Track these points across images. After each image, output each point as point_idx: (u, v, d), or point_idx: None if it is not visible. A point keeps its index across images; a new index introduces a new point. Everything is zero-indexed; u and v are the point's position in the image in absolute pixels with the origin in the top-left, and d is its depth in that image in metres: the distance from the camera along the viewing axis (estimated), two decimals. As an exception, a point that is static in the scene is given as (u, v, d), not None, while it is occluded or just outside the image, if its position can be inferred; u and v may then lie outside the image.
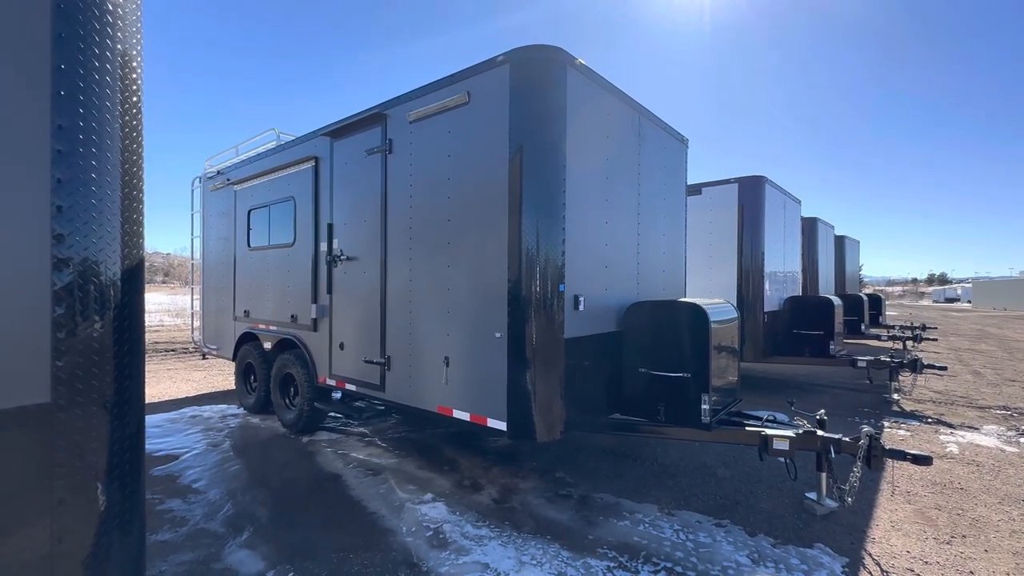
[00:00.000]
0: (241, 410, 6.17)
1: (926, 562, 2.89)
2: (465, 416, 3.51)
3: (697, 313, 3.56)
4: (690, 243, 5.53)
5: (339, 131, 4.62)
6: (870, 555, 2.95)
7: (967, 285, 54.98)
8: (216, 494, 3.74)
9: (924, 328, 11.22)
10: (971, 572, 2.78)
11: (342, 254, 4.61)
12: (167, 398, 6.92)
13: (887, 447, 3.17)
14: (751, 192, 7.08)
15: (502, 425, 3.28)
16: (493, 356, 3.33)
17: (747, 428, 3.52)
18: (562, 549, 2.97)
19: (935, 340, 12.20)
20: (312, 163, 4.96)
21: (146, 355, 11.03)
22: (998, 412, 6.32)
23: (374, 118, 4.25)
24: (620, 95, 3.97)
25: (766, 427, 3.51)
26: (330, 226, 4.74)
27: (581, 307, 3.46)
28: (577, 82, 3.44)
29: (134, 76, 1.69)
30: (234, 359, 6.28)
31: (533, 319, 3.19)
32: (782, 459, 3.56)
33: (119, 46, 1.61)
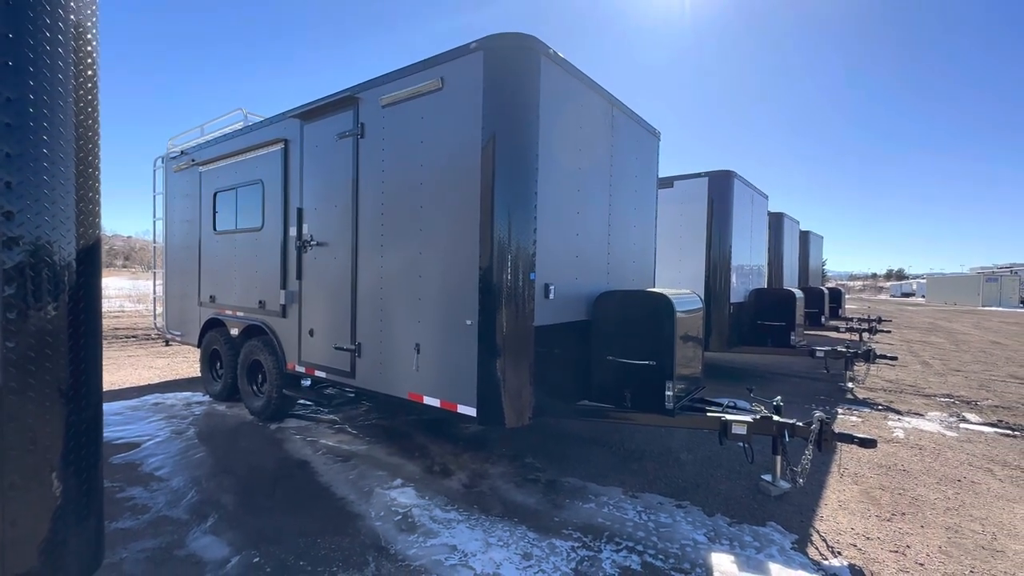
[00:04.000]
0: (207, 397, 6.04)
1: (868, 538, 3.08)
2: (435, 403, 3.54)
3: (663, 303, 3.66)
4: (661, 235, 5.64)
5: (310, 113, 4.52)
6: (818, 532, 3.12)
7: (922, 281, 57.70)
8: (179, 482, 3.67)
9: (879, 321, 11.78)
10: (908, 546, 2.99)
11: (312, 239, 4.53)
12: (128, 385, 6.71)
13: (836, 431, 3.36)
14: (720, 186, 7.25)
15: (472, 411, 3.32)
16: (463, 343, 3.36)
17: (708, 414, 3.66)
18: (528, 531, 3.04)
19: (889, 332, 12.82)
20: (281, 145, 4.84)
21: (106, 341, 10.64)
22: (942, 400, 6.72)
23: (346, 101, 4.17)
24: (594, 86, 4.00)
25: (726, 413, 3.65)
26: (299, 211, 4.65)
27: (551, 296, 3.51)
28: (551, 71, 3.46)
29: (89, 48, 1.63)
30: (199, 346, 6.12)
31: (504, 307, 3.22)
32: (740, 443, 3.72)
33: (72, 16, 1.55)
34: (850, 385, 7.28)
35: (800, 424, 3.43)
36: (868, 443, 3.22)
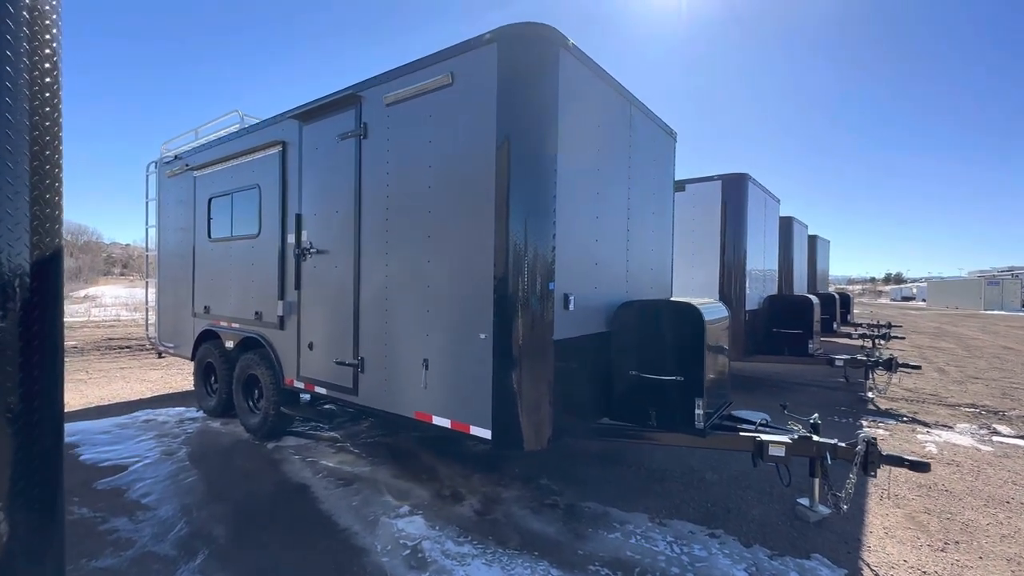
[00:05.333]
0: (200, 413, 5.75)
1: (923, 572, 2.80)
2: (446, 423, 3.26)
3: (691, 313, 3.40)
4: (674, 240, 5.38)
5: (309, 114, 4.27)
6: (868, 565, 2.85)
7: (922, 284, 57.56)
8: (168, 511, 3.38)
9: (891, 326, 11.51)
10: (970, 582, 2.71)
11: (311, 247, 4.27)
12: (119, 400, 6.42)
13: (884, 453, 3.08)
14: (734, 190, 7.02)
15: (486, 433, 3.04)
16: (477, 359, 3.09)
17: (742, 434, 3.39)
18: (551, 567, 2.76)
19: (903, 339, 12.54)
20: (279, 148, 4.59)
21: (99, 352, 10.33)
22: (967, 410, 6.45)
23: (348, 100, 3.92)
24: (613, 83, 3.76)
25: (761, 432, 3.38)
26: (298, 216, 4.39)
27: (571, 306, 3.25)
28: (570, 65, 3.21)
29: (47, 23, 1.37)
30: (193, 358, 5.84)
31: (521, 319, 2.96)
32: (773, 463, 3.45)
33: (26, -13, 1.29)
34: (871, 395, 7.01)
35: (843, 445, 3.16)
36: (920, 467, 2.95)
